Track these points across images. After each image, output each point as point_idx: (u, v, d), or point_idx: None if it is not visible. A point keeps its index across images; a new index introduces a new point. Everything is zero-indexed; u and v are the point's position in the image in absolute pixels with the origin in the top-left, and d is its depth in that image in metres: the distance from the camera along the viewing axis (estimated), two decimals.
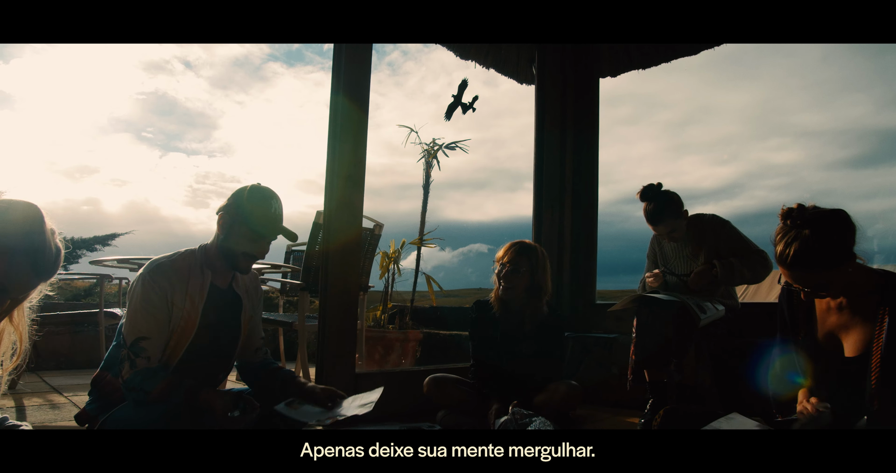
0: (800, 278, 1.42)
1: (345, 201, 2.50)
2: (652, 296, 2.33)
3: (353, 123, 2.54)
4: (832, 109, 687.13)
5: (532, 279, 2.33)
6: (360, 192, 2.54)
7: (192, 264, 1.74)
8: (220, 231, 1.74)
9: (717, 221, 2.57)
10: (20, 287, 1.18)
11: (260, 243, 1.75)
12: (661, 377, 2.32)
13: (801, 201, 1.40)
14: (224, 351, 1.84)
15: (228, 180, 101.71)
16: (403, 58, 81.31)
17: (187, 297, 1.70)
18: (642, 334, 2.33)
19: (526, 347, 2.35)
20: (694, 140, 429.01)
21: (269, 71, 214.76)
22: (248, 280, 1.90)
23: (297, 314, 2.96)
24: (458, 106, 3.67)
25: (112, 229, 10.68)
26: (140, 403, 1.61)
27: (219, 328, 1.79)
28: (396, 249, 4.35)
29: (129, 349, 1.64)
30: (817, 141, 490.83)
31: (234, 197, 1.75)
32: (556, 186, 3.63)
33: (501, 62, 3.84)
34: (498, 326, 2.40)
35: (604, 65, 3.82)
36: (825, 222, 1.37)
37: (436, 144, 4.35)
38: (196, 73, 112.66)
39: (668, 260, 2.67)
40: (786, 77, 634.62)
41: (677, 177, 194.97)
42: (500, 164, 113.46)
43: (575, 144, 3.66)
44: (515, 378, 2.34)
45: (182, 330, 1.69)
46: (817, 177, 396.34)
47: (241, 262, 1.76)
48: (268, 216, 1.73)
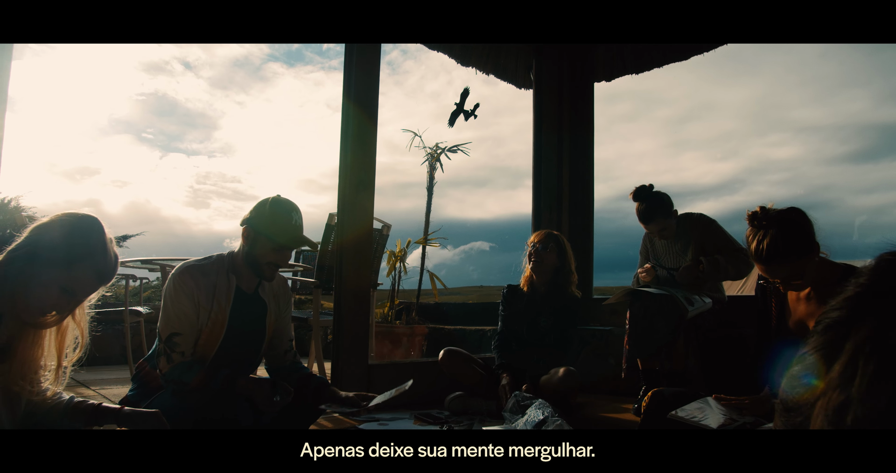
0: (775, 271, 1.60)
1: (356, 205, 2.68)
2: (643, 290, 2.51)
3: (363, 131, 2.72)
4: (831, 105, 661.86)
5: (559, 260, 2.70)
6: (370, 196, 2.72)
7: (219, 270, 1.87)
8: (244, 243, 1.87)
9: (704, 220, 2.75)
10: (86, 291, 1.36)
11: (283, 254, 1.88)
12: (652, 365, 2.50)
13: (762, 204, 1.59)
14: (249, 352, 1.96)
15: (229, 180, 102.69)
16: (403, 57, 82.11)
17: (214, 300, 1.84)
18: (635, 325, 2.51)
19: (544, 320, 2.67)
20: (693, 136, 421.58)
21: (270, 71, 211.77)
22: (276, 285, 2.01)
23: (312, 310, 3.14)
24: (461, 113, 3.85)
25: (115, 230, 10.82)
26: (179, 393, 1.78)
27: (243, 330, 1.91)
28: (402, 248, 4.53)
29: (164, 344, 1.81)
30: (817, 136, 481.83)
31: (256, 210, 1.87)
32: (554, 187, 3.80)
33: (501, 69, 4.01)
34: (524, 299, 2.74)
35: (598, 70, 4.00)
36: (787, 219, 1.56)
37: (439, 148, 4.53)
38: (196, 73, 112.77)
39: (659, 256, 2.85)
40: (784, 73, 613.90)
41: (677, 173, 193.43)
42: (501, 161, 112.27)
43: (571, 148, 3.83)
44: (528, 358, 2.62)
45: (210, 331, 1.84)
46: (817, 172, 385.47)
47: (265, 271, 1.87)
48: (289, 228, 1.85)
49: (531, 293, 2.74)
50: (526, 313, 2.72)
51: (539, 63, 3.89)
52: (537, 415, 1.77)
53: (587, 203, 3.80)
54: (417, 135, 4.57)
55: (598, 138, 3.93)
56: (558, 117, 3.87)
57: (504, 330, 2.76)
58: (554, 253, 2.70)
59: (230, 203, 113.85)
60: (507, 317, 2.77)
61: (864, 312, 0.45)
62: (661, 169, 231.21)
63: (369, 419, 2.38)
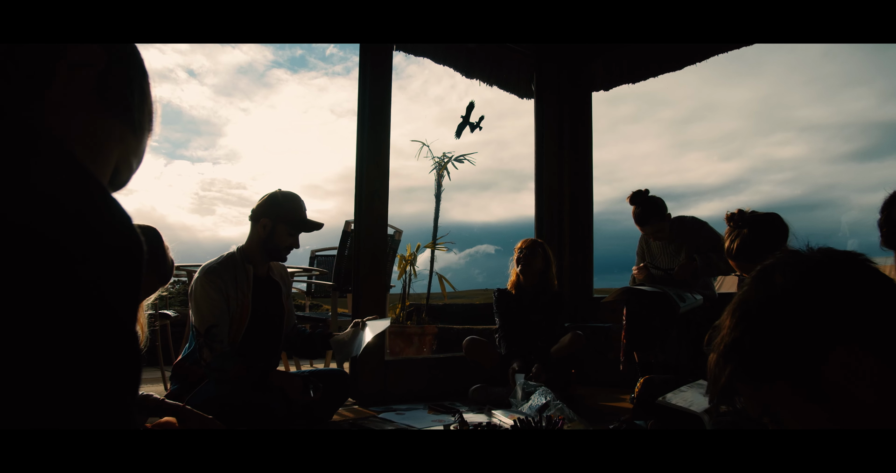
0: (743, 268, 1.80)
1: (372, 213, 2.90)
2: (638, 288, 2.71)
3: (377, 144, 2.93)
4: (835, 104, 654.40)
5: (543, 263, 3.04)
6: (384, 205, 2.94)
7: (235, 263, 2.16)
8: (262, 233, 2.16)
9: (696, 222, 2.96)
10: (148, 292, 1.58)
11: (296, 237, 2.20)
12: (648, 358, 2.70)
13: (741, 207, 1.79)
14: (275, 328, 2.26)
15: (234, 186, 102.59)
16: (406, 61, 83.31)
17: (238, 289, 2.11)
18: (631, 321, 2.71)
19: (535, 316, 2.99)
20: (697, 137, 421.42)
21: (273, 77, 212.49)
22: (280, 269, 2.34)
23: (330, 311, 3.36)
24: (467, 125, 4.07)
25: None
26: (221, 381, 2.00)
27: (267, 309, 2.21)
28: (413, 252, 4.74)
29: (204, 338, 2.04)
30: (821, 135, 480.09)
31: (269, 202, 2.17)
32: (555, 195, 4.01)
33: (503, 80, 4.22)
34: (514, 300, 3.06)
35: (596, 81, 4.20)
36: (760, 223, 1.76)
37: (446, 157, 4.75)
38: (200, 81, 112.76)
39: (655, 256, 3.05)
40: (787, 73, 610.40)
41: (681, 174, 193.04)
42: (505, 164, 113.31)
43: (571, 157, 4.04)
44: (530, 341, 2.95)
45: (239, 316, 2.11)
46: (822, 171, 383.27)
47: (283, 254, 2.20)
48: (300, 214, 2.18)
49: (520, 294, 3.08)
50: (518, 311, 3.03)
51: (539, 76, 4.10)
52: (540, 400, 1.97)
53: (587, 208, 4.01)
54: (426, 145, 4.80)
55: (601, 140, 4.14)
56: (558, 127, 4.08)
57: (504, 324, 3.06)
58: (540, 258, 3.05)
59: (235, 210, 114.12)
60: (502, 316, 3.07)
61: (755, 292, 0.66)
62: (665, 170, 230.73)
63: (386, 409, 2.59)
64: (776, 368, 0.64)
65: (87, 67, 0.47)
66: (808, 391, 0.62)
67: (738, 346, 0.66)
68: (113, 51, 0.50)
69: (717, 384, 0.69)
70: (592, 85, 4.19)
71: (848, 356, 0.60)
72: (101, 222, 0.35)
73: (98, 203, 0.36)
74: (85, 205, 0.35)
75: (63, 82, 0.45)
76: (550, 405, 1.92)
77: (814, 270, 0.66)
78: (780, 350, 0.63)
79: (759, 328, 0.65)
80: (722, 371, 0.68)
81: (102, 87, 0.49)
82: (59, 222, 0.33)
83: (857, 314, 0.62)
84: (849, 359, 0.59)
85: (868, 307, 0.62)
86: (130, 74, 0.52)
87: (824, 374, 0.60)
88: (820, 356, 0.61)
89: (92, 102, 0.48)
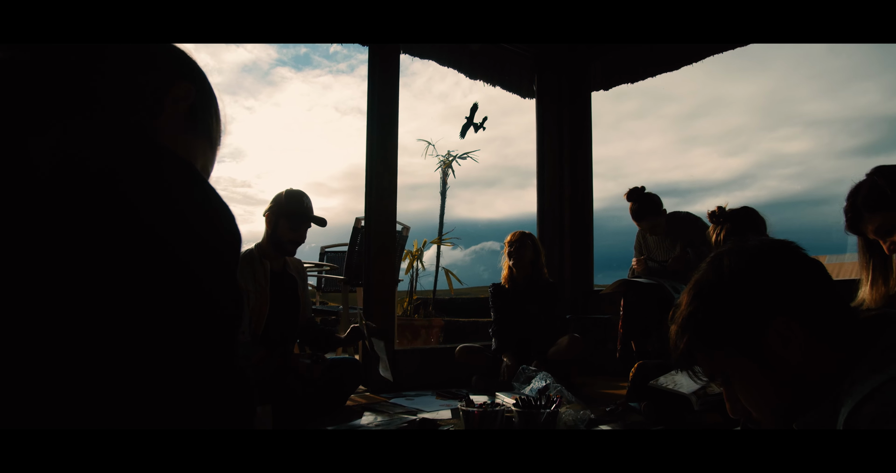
0: None
1: (381, 211, 3.05)
2: (635, 280, 2.85)
3: (386, 146, 3.09)
4: (841, 98, 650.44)
5: (533, 254, 3.11)
6: (393, 202, 3.09)
7: (253, 259, 2.33)
8: (268, 228, 2.34)
9: (690, 217, 3.10)
10: None
11: (299, 232, 2.35)
12: (644, 346, 2.84)
13: (720, 205, 1.93)
14: (291, 319, 2.43)
15: (239, 184, 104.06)
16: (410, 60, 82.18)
17: (256, 283, 2.28)
18: (628, 311, 2.85)
19: (531, 306, 3.07)
20: (703, 132, 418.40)
21: (278, 76, 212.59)
22: (296, 264, 2.51)
23: (342, 304, 3.52)
24: (471, 126, 4.22)
25: None
26: (246, 367, 2.18)
27: (284, 301, 2.38)
28: (419, 248, 4.90)
29: None
30: (827, 130, 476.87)
31: (274, 200, 2.36)
32: (556, 193, 4.16)
33: (506, 81, 4.36)
34: (509, 293, 3.14)
35: (595, 81, 4.34)
36: (739, 216, 1.90)
37: (450, 155, 4.90)
38: None
39: (651, 250, 3.19)
40: (793, 67, 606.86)
41: (687, 169, 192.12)
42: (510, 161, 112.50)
43: (571, 156, 4.19)
44: (527, 339, 3.00)
45: (259, 309, 2.28)
46: (829, 166, 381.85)
47: (287, 247, 2.36)
48: (301, 209, 2.34)
49: (513, 287, 3.15)
50: (515, 304, 3.12)
51: (540, 77, 4.24)
52: (540, 383, 2.12)
53: (587, 204, 4.16)
54: (431, 144, 4.95)
55: (606, 137, 4.32)
56: (559, 129, 4.22)
57: (499, 319, 3.15)
58: (530, 249, 3.12)
59: (241, 208, 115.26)
60: (498, 310, 3.16)
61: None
62: (671, 165, 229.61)
63: (396, 395, 2.75)
64: (725, 336, 0.78)
65: (184, 101, 0.62)
66: (753, 355, 0.76)
67: (693, 318, 0.81)
68: (198, 84, 0.66)
69: (677, 351, 0.84)
70: (592, 85, 4.32)
71: (782, 325, 0.74)
72: (227, 219, 0.50)
73: (223, 204, 0.51)
74: (218, 205, 0.50)
75: (169, 113, 0.61)
76: (550, 387, 2.07)
77: (754, 255, 0.80)
78: (728, 321, 0.78)
79: (710, 304, 0.80)
80: (680, 340, 0.82)
81: (192, 114, 0.64)
82: (207, 220, 0.48)
83: (788, 291, 0.77)
84: (782, 328, 0.74)
85: (797, 285, 0.77)
86: (210, 103, 0.68)
87: (766, 341, 0.75)
88: (761, 326, 0.75)
89: (186, 126, 0.63)
